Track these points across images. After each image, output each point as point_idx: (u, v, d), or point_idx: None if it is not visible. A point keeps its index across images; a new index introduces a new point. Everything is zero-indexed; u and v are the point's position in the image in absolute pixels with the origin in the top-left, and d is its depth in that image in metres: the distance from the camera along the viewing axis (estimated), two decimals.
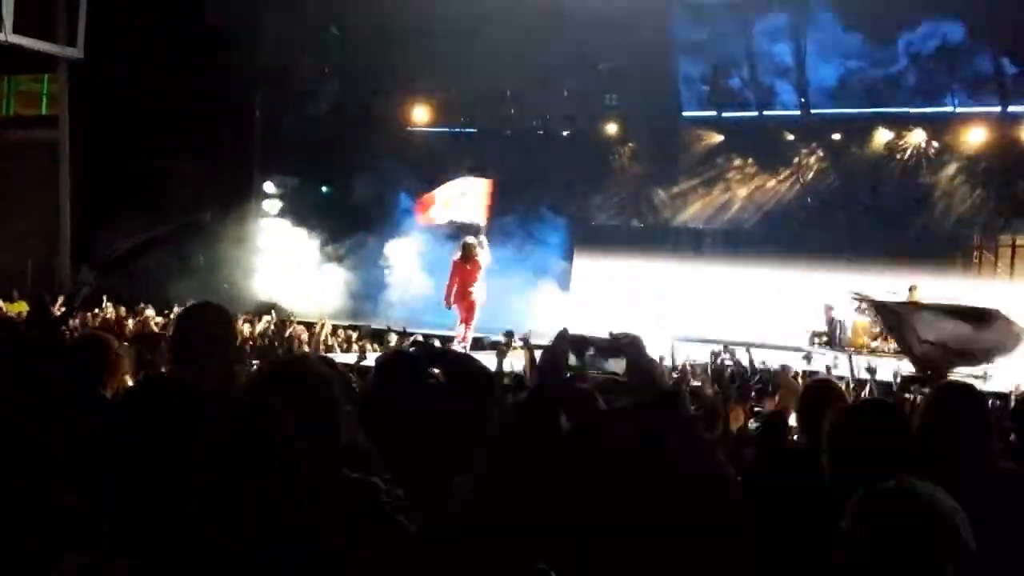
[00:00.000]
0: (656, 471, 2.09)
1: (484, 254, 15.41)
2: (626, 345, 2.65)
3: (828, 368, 11.28)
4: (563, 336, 2.71)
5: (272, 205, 22.66)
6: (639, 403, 2.48)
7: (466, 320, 15.33)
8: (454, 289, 15.24)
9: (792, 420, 4.16)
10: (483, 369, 4.21)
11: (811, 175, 21.66)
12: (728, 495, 2.39)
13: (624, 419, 2.33)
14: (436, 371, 5.24)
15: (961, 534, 1.82)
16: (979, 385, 11.99)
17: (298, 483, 2.20)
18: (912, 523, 1.81)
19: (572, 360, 2.71)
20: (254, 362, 9.59)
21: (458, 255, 15.36)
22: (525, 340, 8.64)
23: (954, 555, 1.79)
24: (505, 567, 2.18)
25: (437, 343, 12.83)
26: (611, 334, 2.76)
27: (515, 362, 10.68)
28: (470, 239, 15.48)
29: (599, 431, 2.24)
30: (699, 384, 10.64)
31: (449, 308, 15.38)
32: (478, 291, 15.26)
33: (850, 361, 11.11)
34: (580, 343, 2.78)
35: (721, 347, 11.78)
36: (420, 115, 24.61)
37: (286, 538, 2.10)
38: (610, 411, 2.41)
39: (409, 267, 22.38)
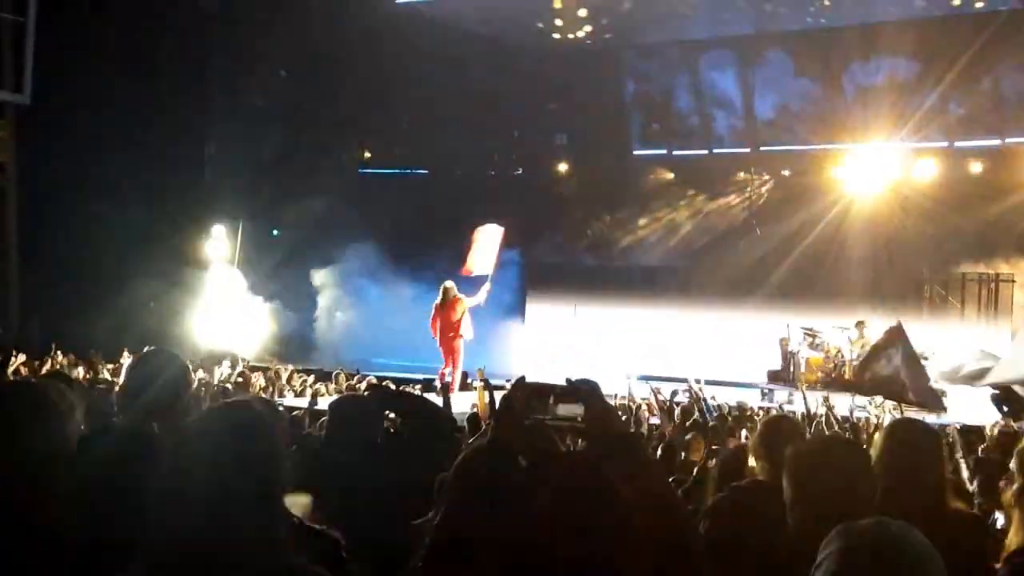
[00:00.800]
0: (609, 516, 2.14)
1: (473, 299, 16.21)
2: (584, 392, 2.67)
3: (780, 405, 11.38)
4: (520, 384, 2.72)
5: (220, 248, 22.48)
6: (596, 448, 2.50)
7: (450, 362, 15.98)
8: (436, 331, 16.01)
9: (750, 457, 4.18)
10: (441, 412, 4.21)
11: (762, 210, 21.88)
12: (682, 539, 2.43)
13: (580, 464, 2.36)
14: (391, 415, 5.23)
15: (939, 571, 1.84)
16: (933, 419, 12.21)
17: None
18: (896, 564, 1.82)
19: (531, 407, 2.72)
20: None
21: (438, 299, 16.08)
22: (485, 381, 8.61)
23: None
24: None
25: (391, 385, 12.81)
26: (568, 380, 2.78)
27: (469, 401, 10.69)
28: (448, 284, 16.00)
29: (556, 475, 2.27)
30: (656, 420, 10.70)
31: (440, 348, 16.13)
32: (462, 331, 16.00)
33: (804, 396, 11.16)
34: (538, 390, 2.80)
35: (684, 383, 11.83)
36: (370, 157, 24.66)
37: None
38: (568, 455, 2.43)
39: (360, 309, 22.35)
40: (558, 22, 21.24)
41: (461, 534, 2.46)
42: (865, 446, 4.02)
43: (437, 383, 14.75)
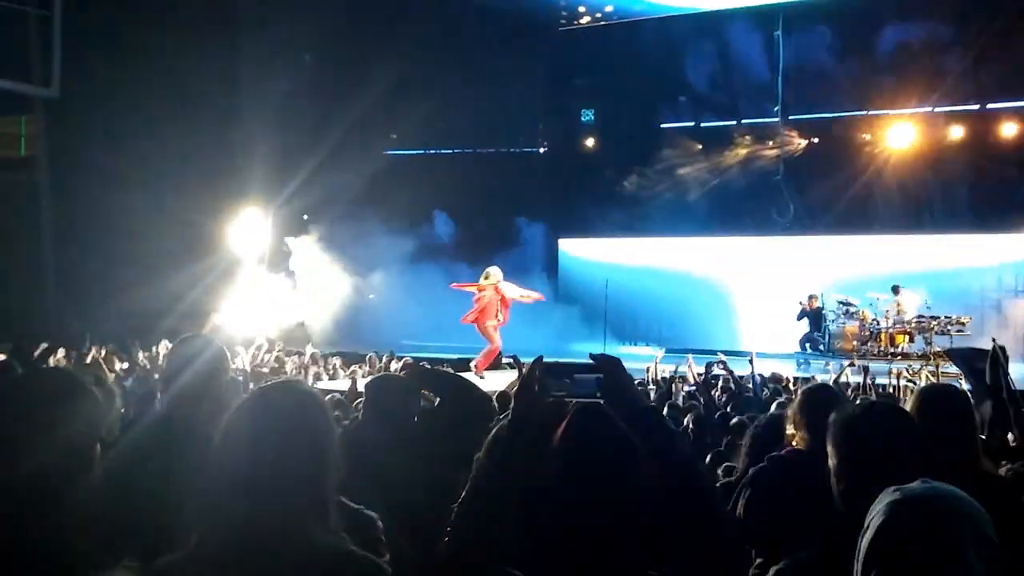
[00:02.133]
0: (628, 471, 2.17)
1: (515, 290, 16.52)
2: (604, 368, 2.67)
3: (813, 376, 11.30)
4: (539, 363, 2.73)
5: (251, 233, 22.53)
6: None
7: (491, 342, 16.24)
8: (477, 313, 16.27)
9: (789, 426, 4.15)
10: (477, 390, 4.20)
11: (791, 176, 21.72)
12: (708, 510, 2.44)
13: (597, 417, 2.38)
14: (427, 393, 5.24)
15: (990, 530, 1.83)
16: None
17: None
18: (951, 523, 1.81)
19: (551, 385, 2.73)
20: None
21: (482, 281, 16.46)
22: (515, 360, 8.64)
23: (988, 554, 1.80)
24: None
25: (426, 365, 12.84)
26: (591, 356, 2.78)
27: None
28: (491, 268, 16.40)
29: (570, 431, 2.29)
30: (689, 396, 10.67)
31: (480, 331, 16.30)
32: (492, 316, 16.21)
33: (842, 366, 11.14)
34: (558, 369, 2.81)
35: (716, 360, 11.78)
36: (399, 138, 24.66)
37: None
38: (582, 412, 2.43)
39: (392, 290, 22.40)
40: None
41: (483, 510, 2.48)
42: None
43: (507, 361, 14.86)
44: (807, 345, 19.07)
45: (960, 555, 1.77)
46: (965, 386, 4.73)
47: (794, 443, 3.88)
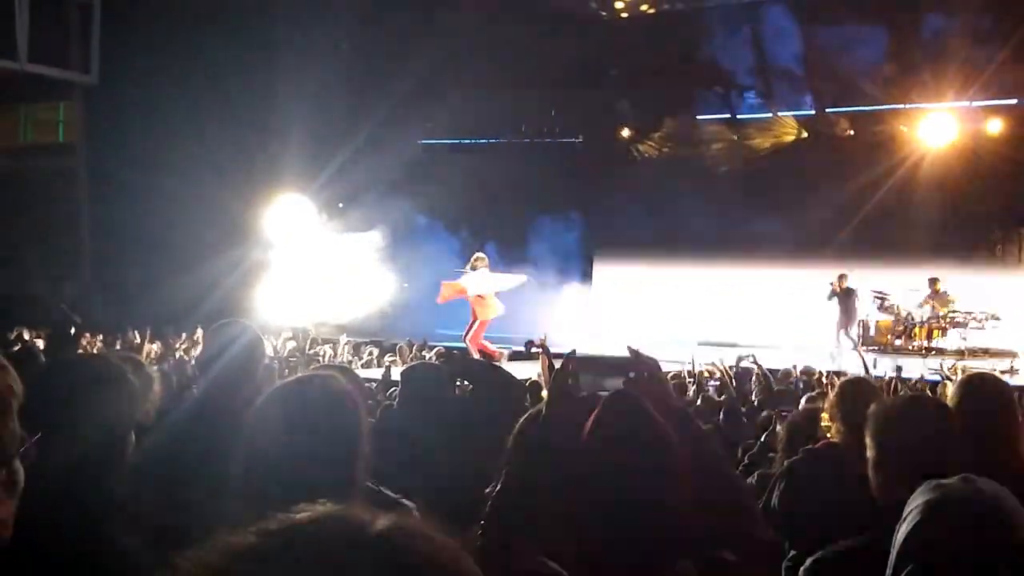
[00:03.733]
0: (660, 457, 2.19)
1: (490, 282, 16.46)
2: (635, 365, 2.68)
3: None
4: (572, 357, 2.74)
5: (287, 220, 22.61)
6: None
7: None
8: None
9: (825, 418, 4.14)
10: (512, 379, 4.22)
11: (827, 169, 21.49)
12: (737, 505, 2.44)
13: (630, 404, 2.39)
14: (462, 382, 5.27)
15: (1020, 536, 1.82)
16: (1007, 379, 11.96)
17: None
18: (984, 521, 1.80)
19: (584, 380, 2.75)
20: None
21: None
22: (542, 346, 8.64)
23: (1019, 556, 1.78)
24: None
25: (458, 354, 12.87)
26: (629, 349, 2.79)
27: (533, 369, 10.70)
28: (477, 255, 16.06)
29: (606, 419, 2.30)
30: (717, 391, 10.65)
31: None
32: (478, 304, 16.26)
33: (862, 358, 11.09)
34: (589, 363, 2.82)
35: (747, 353, 11.73)
36: (434, 127, 24.69)
37: None
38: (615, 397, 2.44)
39: (424, 279, 22.44)
40: None
41: (516, 501, 2.49)
42: None
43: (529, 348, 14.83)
44: (840, 337, 18.90)
45: (992, 567, 1.76)
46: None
47: (829, 436, 3.88)
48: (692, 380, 11.39)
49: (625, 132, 23.77)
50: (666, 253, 22.53)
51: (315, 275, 21.50)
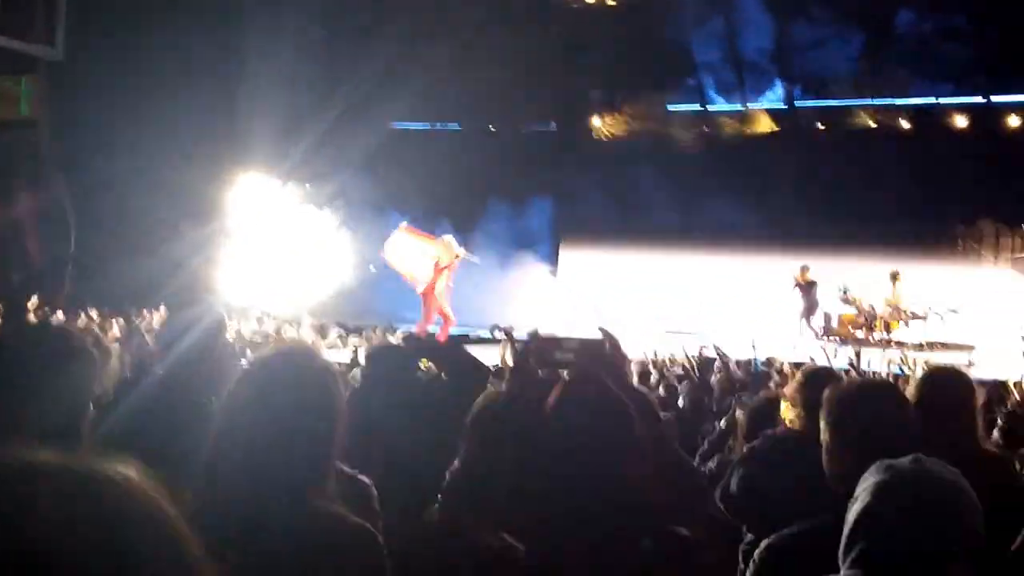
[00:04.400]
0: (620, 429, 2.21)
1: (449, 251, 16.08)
2: (598, 346, 2.72)
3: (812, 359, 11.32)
4: (535, 336, 2.78)
5: (252, 201, 22.44)
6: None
7: (435, 314, 15.98)
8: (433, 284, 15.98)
9: (783, 408, 4.17)
10: (476, 360, 4.23)
11: (798, 160, 21.63)
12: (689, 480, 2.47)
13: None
14: (425, 363, 5.28)
15: (976, 516, 1.84)
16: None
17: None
18: (932, 500, 1.82)
19: (546, 359, 2.77)
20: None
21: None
22: (506, 332, 8.67)
23: (968, 536, 1.81)
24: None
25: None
26: (600, 328, 2.82)
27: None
28: (446, 237, 15.93)
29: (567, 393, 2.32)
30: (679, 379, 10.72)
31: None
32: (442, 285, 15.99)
33: (823, 349, 11.20)
34: (551, 343, 2.85)
35: (709, 342, 11.81)
36: (404, 111, 24.58)
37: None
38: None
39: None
40: None
41: (475, 478, 2.50)
42: None
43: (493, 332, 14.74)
44: (802, 327, 19.06)
45: (941, 546, 1.78)
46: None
47: (787, 422, 3.91)
48: (655, 368, 11.44)
49: (595, 120, 23.79)
50: (633, 241, 22.62)
51: (279, 255, 21.39)
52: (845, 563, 1.92)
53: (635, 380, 9.49)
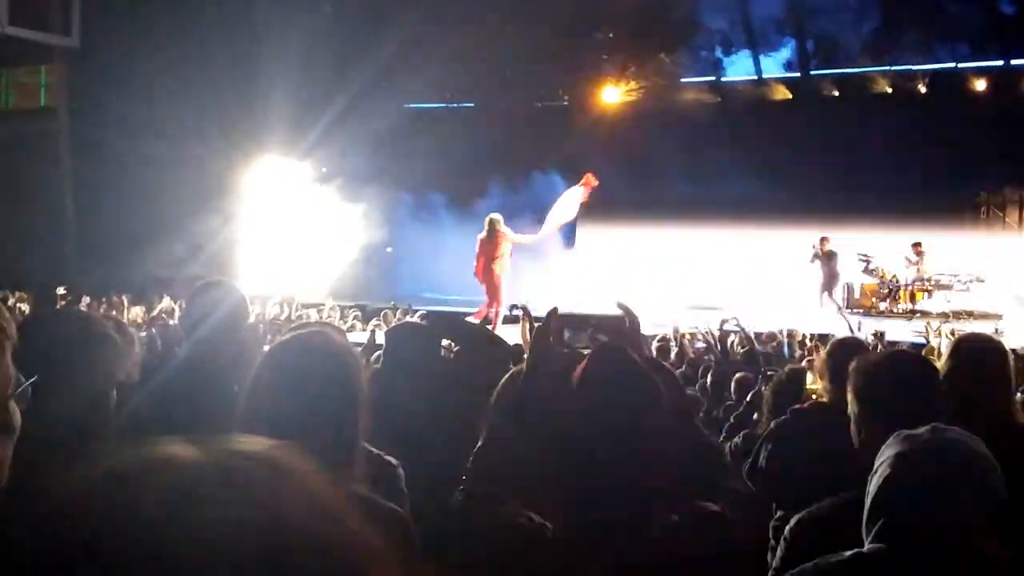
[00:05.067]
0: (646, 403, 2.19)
1: (525, 236, 16.04)
2: (618, 322, 2.71)
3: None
4: (554, 314, 2.75)
5: (271, 184, 22.46)
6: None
7: (490, 298, 15.43)
8: (480, 265, 15.49)
9: (809, 379, 4.15)
10: (496, 338, 4.21)
11: (812, 132, 21.45)
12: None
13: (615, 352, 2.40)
14: (447, 342, 5.26)
15: (996, 482, 1.81)
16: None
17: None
18: (951, 470, 1.79)
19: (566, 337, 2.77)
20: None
21: (483, 233, 15.63)
22: (524, 309, 8.65)
23: (988, 502, 1.78)
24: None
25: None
26: (619, 304, 2.79)
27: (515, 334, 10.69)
28: (494, 215, 15.68)
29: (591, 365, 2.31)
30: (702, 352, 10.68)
31: (482, 284, 15.60)
32: (500, 267, 15.39)
33: (847, 321, 11.15)
34: (571, 321, 2.85)
35: (730, 316, 11.74)
36: (420, 90, 24.52)
37: None
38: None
39: (410, 243, 22.40)
40: None
41: (499, 457, 2.49)
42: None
43: (512, 311, 14.51)
44: (823, 300, 18.95)
45: (961, 511, 1.76)
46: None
47: (815, 396, 3.88)
48: (676, 344, 11.41)
49: (609, 94, 23.67)
50: (650, 216, 22.54)
51: (299, 238, 21.45)
52: (868, 536, 1.90)
53: (655, 356, 9.50)
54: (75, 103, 21.34)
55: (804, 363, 6.03)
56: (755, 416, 5.38)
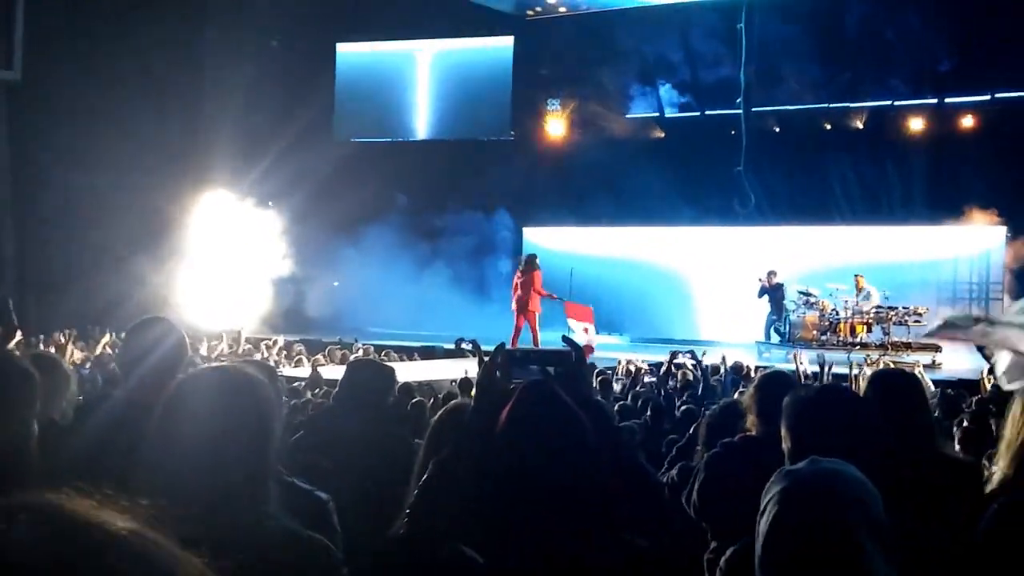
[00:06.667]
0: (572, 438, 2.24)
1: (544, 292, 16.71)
2: (565, 356, 2.76)
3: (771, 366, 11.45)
4: (501, 350, 2.80)
5: (215, 219, 22.26)
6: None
7: (519, 328, 16.39)
8: (514, 299, 16.58)
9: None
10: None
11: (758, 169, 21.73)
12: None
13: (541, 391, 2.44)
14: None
15: (872, 508, 1.82)
16: (929, 373, 12.24)
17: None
18: (829, 500, 1.82)
19: (512, 373, 2.81)
20: None
21: (521, 266, 16.87)
22: (473, 343, 8.68)
23: (880, 536, 1.80)
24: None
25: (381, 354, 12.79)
26: (564, 338, 2.86)
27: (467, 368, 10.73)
28: (532, 253, 17.17)
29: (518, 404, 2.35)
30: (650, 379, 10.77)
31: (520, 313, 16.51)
32: (534, 303, 16.46)
33: (796, 356, 11.36)
34: (520, 356, 2.89)
35: (685, 349, 11.81)
36: (357, 126, 24.58)
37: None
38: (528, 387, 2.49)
39: (356, 278, 22.34)
40: None
41: (440, 491, 2.52)
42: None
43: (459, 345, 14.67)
44: (770, 333, 19.22)
45: (853, 542, 1.77)
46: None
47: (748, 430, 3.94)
48: (622, 376, 11.48)
49: (553, 129, 23.88)
50: (597, 251, 22.70)
51: (243, 272, 21.28)
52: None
53: (599, 388, 9.56)
54: (16, 135, 21.05)
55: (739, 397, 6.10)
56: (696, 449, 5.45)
